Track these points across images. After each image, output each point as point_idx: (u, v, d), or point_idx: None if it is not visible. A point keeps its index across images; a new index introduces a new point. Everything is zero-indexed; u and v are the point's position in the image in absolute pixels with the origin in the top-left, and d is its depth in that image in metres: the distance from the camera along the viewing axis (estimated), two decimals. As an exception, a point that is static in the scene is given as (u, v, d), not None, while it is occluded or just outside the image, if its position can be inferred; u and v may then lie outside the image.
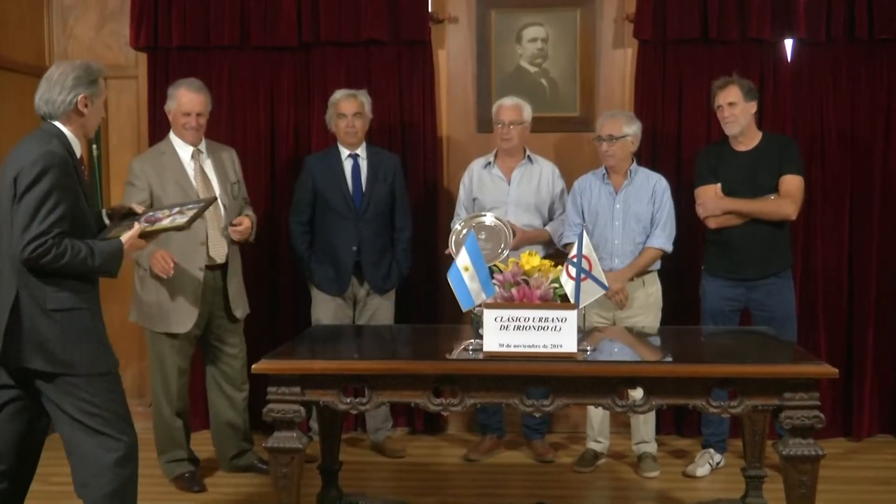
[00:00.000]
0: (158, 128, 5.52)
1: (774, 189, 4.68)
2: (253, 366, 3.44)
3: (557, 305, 3.41)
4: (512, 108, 5.02)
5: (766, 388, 3.28)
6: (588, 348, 3.49)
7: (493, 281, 3.50)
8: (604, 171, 4.89)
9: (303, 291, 5.28)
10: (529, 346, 3.35)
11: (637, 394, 3.36)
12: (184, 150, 4.67)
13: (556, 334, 3.34)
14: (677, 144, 5.41)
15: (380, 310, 5.10)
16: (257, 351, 4.18)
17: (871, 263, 5.35)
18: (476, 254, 3.48)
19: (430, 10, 5.48)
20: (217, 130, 5.50)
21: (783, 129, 5.18)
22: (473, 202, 5.10)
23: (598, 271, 3.51)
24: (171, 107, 4.69)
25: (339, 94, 5.06)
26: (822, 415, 3.29)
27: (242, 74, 5.54)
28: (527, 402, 3.34)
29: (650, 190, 4.82)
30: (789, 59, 5.36)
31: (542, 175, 5.08)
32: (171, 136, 4.72)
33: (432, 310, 5.49)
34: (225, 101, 5.52)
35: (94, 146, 5.66)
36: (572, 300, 3.53)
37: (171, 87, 4.74)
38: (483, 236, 4.72)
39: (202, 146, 4.73)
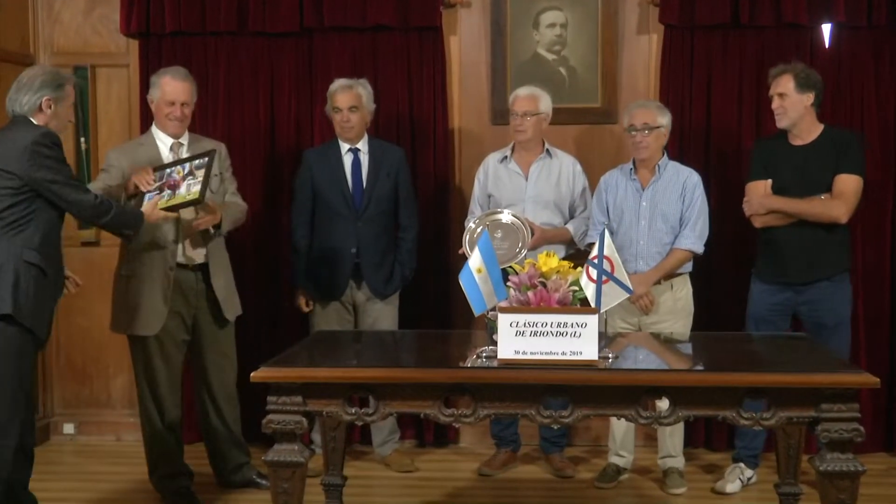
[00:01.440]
0: (150, 119, 5.53)
1: (829, 188, 4.62)
2: (252, 374, 3.44)
3: (577, 310, 3.41)
4: (526, 98, 5.01)
5: (801, 398, 3.26)
6: (610, 355, 3.48)
7: (509, 283, 3.51)
8: (631, 167, 4.90)
9: (305, 295, 5.30)
10: (547, 354, 3.34)
11: (663, 404, 3.36)
12: (163, 143, 4.70)
13: (576, 340, 3.34)
14: (706, 138, 5.41)
15: (381, 316, 5.11)
16: (256, 358, 4.18)
17: (917, 264, 5.34)
18: (489, 254, 3.48)
19: (441, -7, 5.49)
20: (213, 122, 5.54)
21: (820, 119, 5.13)
22: (489, 199, 5.10)
23: (620, 273, 3.51)
24: (154, 96, 4.71)
25: (335, 86, 5.06)
26: (861, 428, 3.26)
27: (240, 62, 5.56)
28: (544, 413, 3.34)
29: (680, 186, 4.81)
30: (827, 46, 5.35)
31: (561, 170, 5.08)
32: (154, 128, 4.76)
33: (444, 314, 5.49)
34: (222, 91, 5.55)
35: (83, 139, 5.69)
36: (593, 304, 3.53)
37: (155, 76, 4.76)
38: (499, 235, 4.71)
39: (184, 138, 4.74)
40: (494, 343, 3.44)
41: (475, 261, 3.48)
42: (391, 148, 5.20)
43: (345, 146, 5.08)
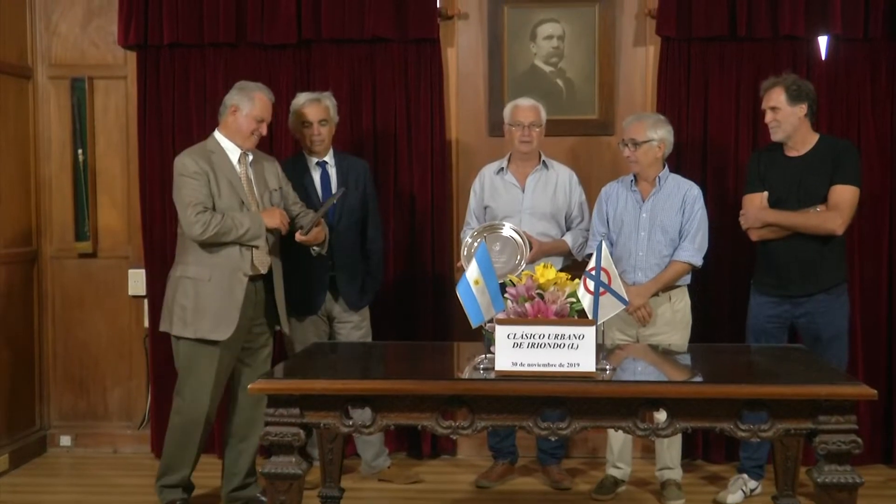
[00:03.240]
0: (149, 131, 5.56)
1: (825, 199, 4.63)
2: (249, 386, 3.45)
3: (574, 321, 3.41)
4: (531, 109, 5.02)
5: (799, 410, 3.27)
6: (607, 367, 3.48)
7: (506, 295, 3.51)
8: (631, 178, 4.91)
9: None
10: (544, 365, 3.34)
11: (661, 416, 3.36)
12: (232, 153, 4.66)
13: (573, 352, 3.34)
14: (703, 150, 5.42)
15: (357, 327, 5.07)
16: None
17: (913, 276, 5.35)
18: (487, 265, 3.48)
19: (438, 5, 5.50)
20: (211, 132, 5.51)
21: (816, 131, 5.11)
22: (485, 210, 5.10)
23: (617, 285, 3.50)
24: (242, 106, 4.62)
25: (301, 99, 5.02)
26: (859, 439, 3.27)
27: (238, 74, 5.53)
28: (542, 425, 3.34)
29: (680, 199, 4.81)
30: (824, 58, 5.37)
31: (558, 181, 5.09)
32: (218, 136, 4.68)
33: (441, 325, 5.49)
34: (219, 102, 5.50)
35: (80, 150, 5.69)
36: (590, 315, 3.53)
37: (244, 89, 4.67)
38: (497, 248, 4.74)
39: (250, 151, 4.74)
40: (492, 355, 3.44)
41: (472, 272, 3.48)
42: (356, 160, 5.16)
43: (312, 160, 5.03)
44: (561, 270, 3.65)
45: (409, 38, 5.46)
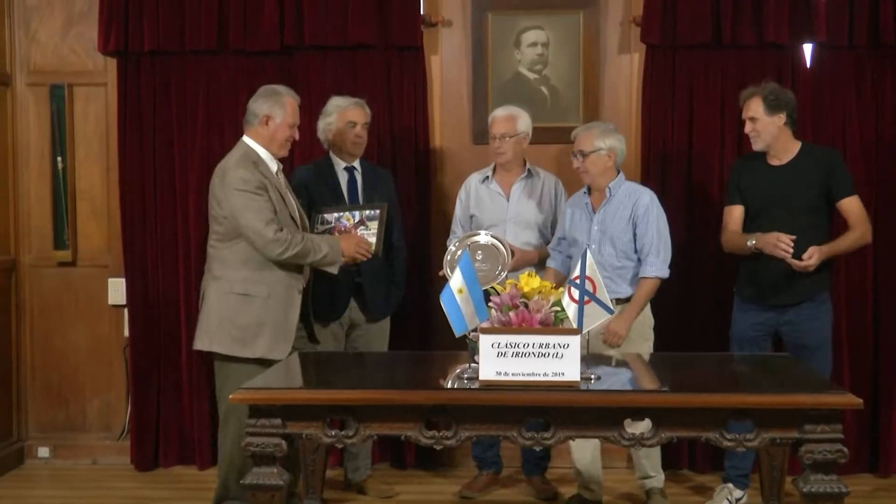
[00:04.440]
0: (129, 138, 5.54)
1: (813, 208, 4.65)
2: (230, 395, 3.43)
3: (559, 330, 3.42)
4: (504, 120, 5.01)
5: (784, 419, 3.28)
6: (592, 376, 3.49)
7: (490, 304, 3.51)
8: (584, 189, 4.87)
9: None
10: (529, 375, 3.34)
11: (637, 427, 3.36)
12: (270, 162, 4.58)
13: (558, 361, 3.34)
14: (688, 159, 5.43)
15: (376, 336, 5.07)
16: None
17: (898, 285, 5.37)
18: (471, 274, 3.48)
19: (422, 12, 5.51)
20: (192, 142, 5.53)
21: (802, 139, 5.10)
22: (471, 219, 5.10)
23: (602, 294, 3.51)
24: (275, 114, 4.53)
25: (345, 102, 5.00)
26: (845, 449, 3.28)
27: (220, 81, 5.55)
28: (526, 435, 3.34)
29: (630, 209, 4.72)
30: (809, 66, 5.39)
31: (543, 189, 5.09)
32: (253, 144, 4.57)
33: (426, 336, 5.49)
34: (201, 110, 5.54)
35: (59, 157, 5.67)
36: (575, 324, 3.53)
37: (273, 95, 4.58)
38: (479, 257, 4.74)
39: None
40: (476, 364, 3.44)
41: (456, 281, 3.49)
42: (381, 170, 5.19)
43: (340, 164, 5.02)
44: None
45: (392, 45, 5.46)
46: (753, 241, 4.58)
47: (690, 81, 5.42)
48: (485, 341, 3.37)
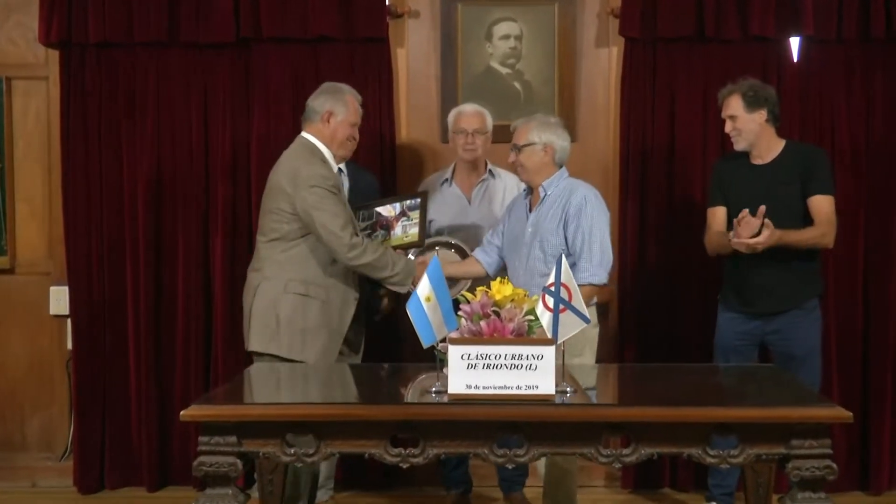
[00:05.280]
0: (73, 136, 5.51)
1: (798, 208, 4.68)
2: (182, 412, 3.42)
3: (533, 340, 3.42)
4: (475, 115, 5.06)
5: (770, 434, 3.30)
6: (568, 389, 3.50)
7: (460, 313, 3.51)
8: (526, 188, 4.79)
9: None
10: (501, 388, 3.35)
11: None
12: (334, 162, 4.65)
13: (532, 374, 3.35)
14: (669, 156, 5.47)
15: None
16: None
17: (889, 292, 5.44)
18: (439, 282, 3.49)
19: (387, 2, 5.52)
20: (141, 140, 5.51)
21: (787, 136, 5.10)
22: (430, 224, 5.10)
23: (578, 302, 3.53)
24: (337, 111, 4.61)
25: (355, 94, 4.84)
26: (834, 465, 3.30)
27: (171, 76, 5.54)
28: (498, 452, 3.35)
29: (560, 211, 4.58)
30: (796, 60, 5.44)
31: (505, 191, 5.11)
32: (316, 142, 4.63)
33: (391, 346, 5.48)
34: (151, 106, 5.52)
35: (-5, 157, 5.64)
36: (549, 334, 3.55)
37: (336, 92, 4.66)
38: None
39: (342, 164, 4.74)
40: (444, 377, 3.45)
41: (424, 289, 3.48)
42: (365, 173, 5.22)
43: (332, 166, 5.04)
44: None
45: (355, 37, 5.46)
46: (731, 234, 4.54)
47: (672, 77, 5.46)
48: (454, 352, 3.37)
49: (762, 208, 4.41)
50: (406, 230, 4.77)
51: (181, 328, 5.53)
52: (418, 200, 4.82)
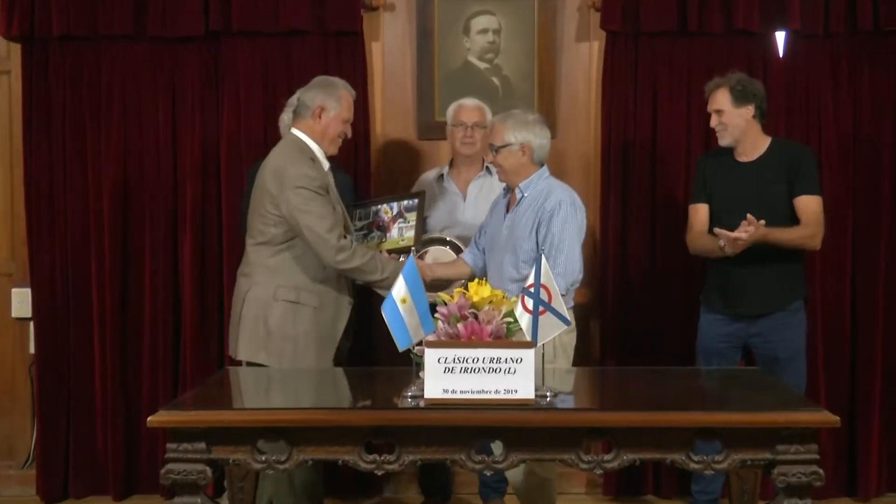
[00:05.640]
0: (35, 133, 5.48)
1: (783, 208, 4.68)
2: (149, 418, 3.41)
3: (512, 343, 3.43)
4: (476, 109, 5.09)
5: (755, 439, 3.31)
6: (548, 394, 3.50)
7: (437, 315, 3.51)
8: (504, 187, 4.78)
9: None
10: (479, 392, 3.35)
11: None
12: (324, 161, 4.60)
13: (511, 378, 3.35)
14: (652, 153, 5.48)
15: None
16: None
17: (878, 293, 5.46)
18: (415, 282, 3.48)
19: (362, -6, 5.51)
20: (107, 137, 5.48)
21: (774, 133, 5.09)
22: (425, 220, 5.09)
23: (558, 303, 3.53)
24: (329, 106, 4.55)
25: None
26: (821, 471, 3.32)
27: (138, 70, 5.51)
28: (476, 459, 3.35)
29: (534, 215, 4.54)
30: (781, 55, 5.46)
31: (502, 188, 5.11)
32: (305, 138, 4.57)
33: (365, 349, 5.46)
34: (117, 102, 5.49)
35: (-44, 154, 5.60)
36: (529, 337, 3.55)
37: (329, 86, 4.61)
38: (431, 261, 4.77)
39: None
40: (421, 381, 3.45)
41: (399, 290, 3.48)
42: (341, 174, 5.15)
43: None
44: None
45: (329, 30, 5.45)
46: (723, 244, 4.55)
47: (654, 71, 5.47)
48: (430, 356, 3.37)
49: (750, 217, 4.43)
50: (402, 233, 4.78)
51: (148, 331, 5.50)
52: (415, 201, 4.82)
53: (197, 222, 5.47)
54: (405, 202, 4.85)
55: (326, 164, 4.59)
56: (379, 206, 4.87)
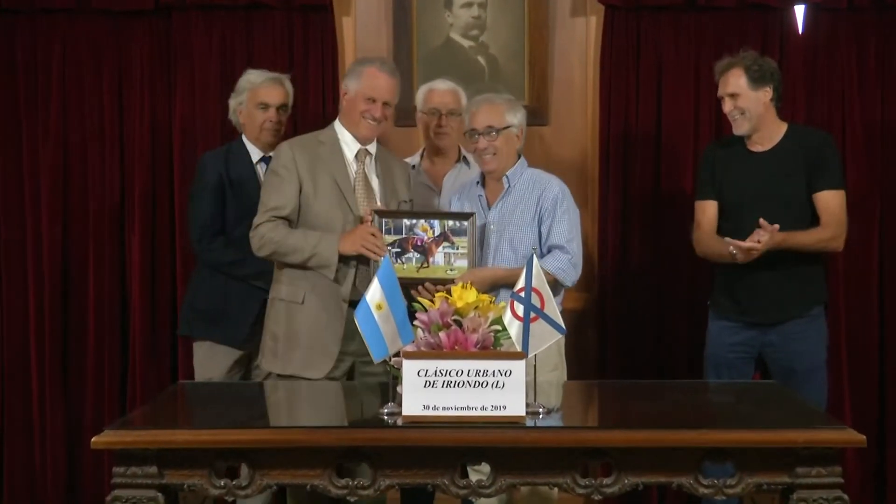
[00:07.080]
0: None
1: (801, 203, 4.68)
2: (93, 438, 3.40)
3: (500, 354, 3.43)
4: (449, 94, 5.07)
5: (771, 460, 3.32)
6: (540, 410, 3.51)
7: (416, 322, 3.52)
8: (477, 179, 4.79)
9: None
10: (463, 409, 3.35)
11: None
12: (349, 147, 4.64)
13: (499, 392, 3.35)
14: (656, 141, 5.51)
15: None
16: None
17: (908, 297, 5.48)
18: (392, 286, 3.48)
19: (331, -37, 5.52)
20: (45, 121, 5.49)
21: (792, 119, 5.14)
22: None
23: (552, 309, 3.54)
24: (349, 86, 4.64)
25: (258, 78, 5.01)
26: (845, 496, 3.32)
27: (80, 47, 5.51)
28: (460, 483, 3.35)
29: (534, 205, 4.60)
30: (801, 31, 5.46)
31: (478, 180, 5.12)
32: (337, 126, 4.70)
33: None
34: (55, 82, 5.49)
35: None
36: (519, 347, 3.55)
37: (356, 64, 4.75)
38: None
39: (372, 147, 4.69)
40: (398, 396, 3.45)
41: (374, 295, 3.48)
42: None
43: (256, 153, 5.02)
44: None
45: (294, 4, 5.46)
46: (735, 251, 4.55)
47: (658, 51, 5.49)
48: (409, 368, 3.37)
49: (763, 223, 4.45)
50: (451, 261, 4.53)
51: (93, 342, 5.49)
52: (465, 224, 4.56)
53: (146, 219, 5.47)
54: (451, 223, 4.57)
55: (352, 151, 4.63)
56: (414, 222, 4.61)
